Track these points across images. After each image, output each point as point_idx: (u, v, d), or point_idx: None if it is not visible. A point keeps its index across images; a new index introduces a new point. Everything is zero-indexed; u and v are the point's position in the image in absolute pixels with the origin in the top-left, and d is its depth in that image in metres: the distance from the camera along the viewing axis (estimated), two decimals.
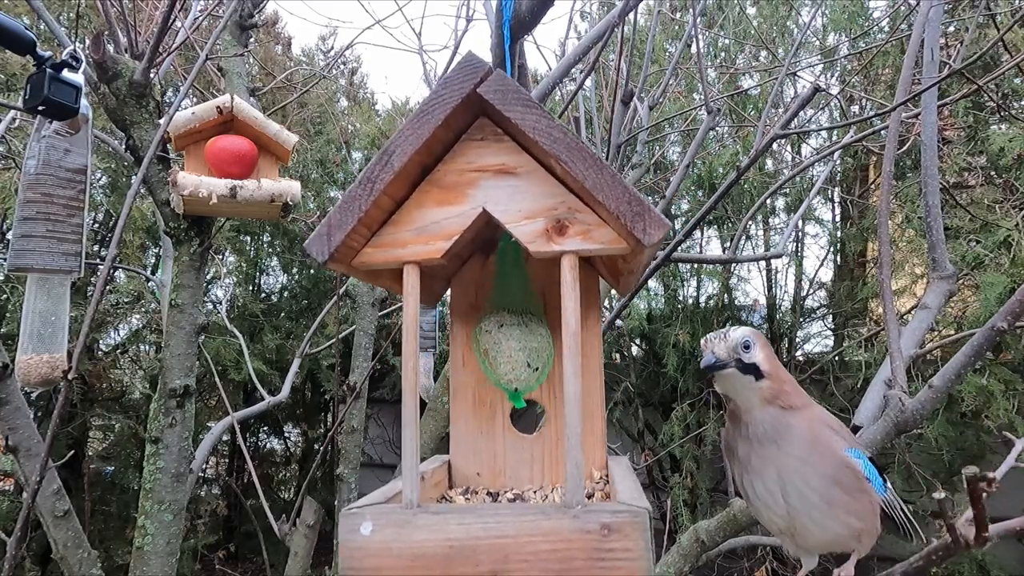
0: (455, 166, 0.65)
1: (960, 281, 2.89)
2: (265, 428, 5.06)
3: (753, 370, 0.83)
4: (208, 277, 3.75)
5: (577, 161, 0.58)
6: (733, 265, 3.88)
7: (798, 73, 3.59)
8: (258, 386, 2.75)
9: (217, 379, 2.77)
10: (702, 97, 2.35)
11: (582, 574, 0.56)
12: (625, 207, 0.57)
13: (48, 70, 1.03)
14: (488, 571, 0.57)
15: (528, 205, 0.62)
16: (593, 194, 0.58)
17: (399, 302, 3.31)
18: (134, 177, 1.71)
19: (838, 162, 3.66)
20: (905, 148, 2.44)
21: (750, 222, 3.93)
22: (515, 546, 0.57)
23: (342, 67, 5.61)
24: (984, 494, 0.64)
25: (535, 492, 0.80)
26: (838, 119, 3.58)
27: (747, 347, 0.84)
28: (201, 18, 2.36)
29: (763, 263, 4.09)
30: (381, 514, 0.59)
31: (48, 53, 1.04)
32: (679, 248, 2.03)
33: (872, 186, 3.93)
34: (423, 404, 2.65)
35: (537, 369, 0.81)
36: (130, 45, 1.65)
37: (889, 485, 0.87)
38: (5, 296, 3.21)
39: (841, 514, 0.81)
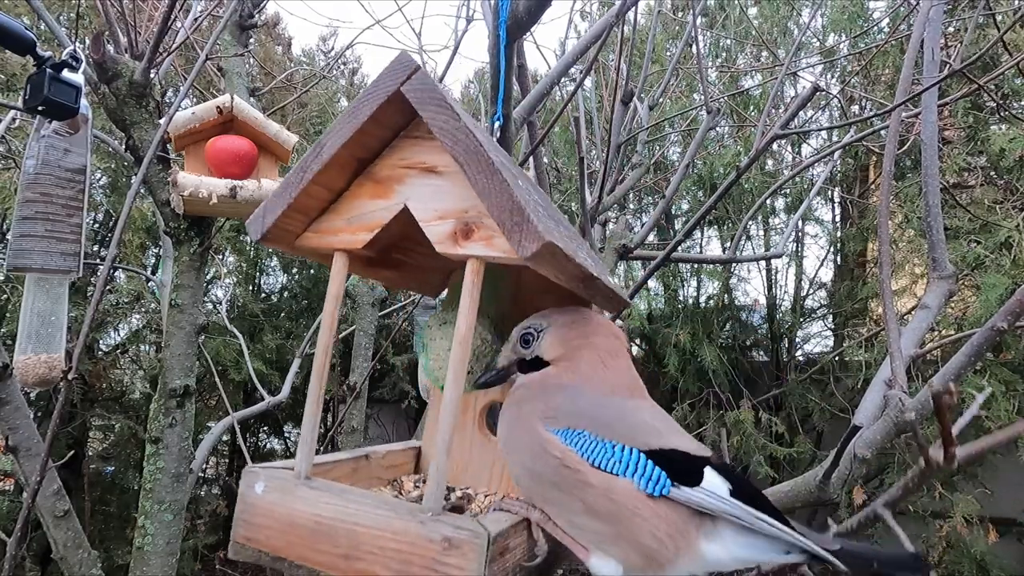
0: (390, 161, 0.67)
1: (960, 281, 2.89)
2: (265, 428, 5.06)
3: (531, 365, 0.72)
4: (208, 277, 3.74)
5: (472, 164, 0.58)
6: (733, 265, 3.88)
7: (798, 73, 3.59)
8: (258, 386, 2.75)
9: (217, 379, 2.77)
10: (702, 97, 2.35)
11: None
12: (506, 216, 0.56)
13: (48, 70, 1.03)
14: (343, 553, 0.60)
15: (444, 205, 0.63)
16: (480, 199, 0.58)
17: (399, 302, 3.31)
18: (134, 177, 1.71)
19: (838, 162, 3.66)
20: (905, 148, 2.44)
21: (750, 222, 3.93)
22: (367, 536, 0.59)
23: (342, 67, 5.61)
24: (949, 407, 0.63)
25: (486, 496, 0.80)
26: (838, 119, 3.58)
27: (526, 342, 0.73)
28: (201, 18, 2.36)
29: (763, 263, 4.09)
30: (272, 478, 0.65)
31: (48, 53, 1.04)
32: (679, 248, 2.03)
33: (872, 186, 3.93)
34: (423, 403, 2.65)
35: (471, 371, 0.78)
36: (130, 45, 1.65)
37: (706, 488, 0.61)
38: (5, 296, 3.21)
39: (567, 516, 0.64)
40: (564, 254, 0.59)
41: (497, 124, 1.07)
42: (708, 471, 0.62)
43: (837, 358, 3.67)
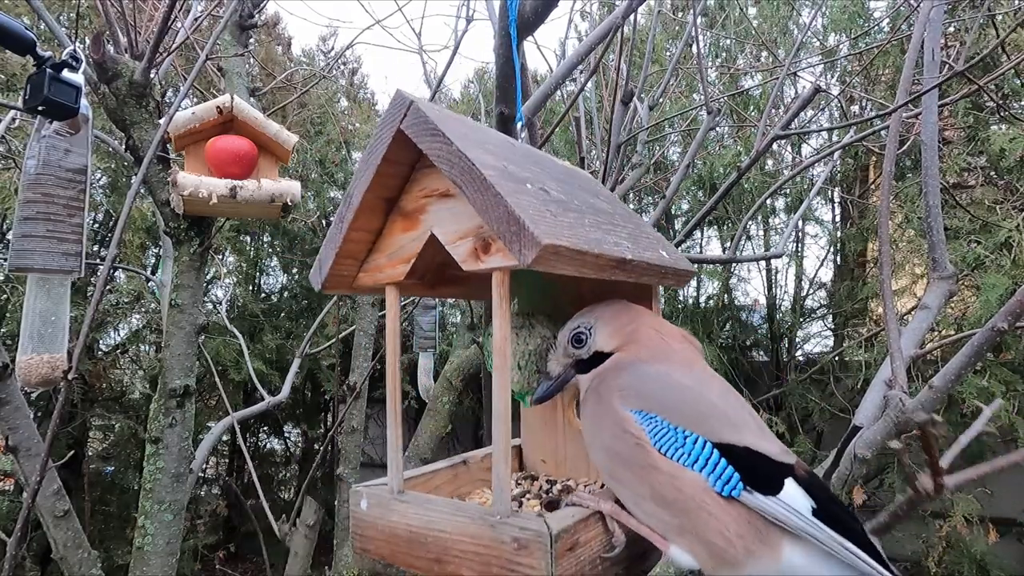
0: (413, 194, 0.71)
1: (960, 282, 2.89)
2: (265, 428, 5.06)
3: (590, 363, 0.72)
4: (208, 277, 3.74)
5: (468, 184, 0.60)
6: (733, 265, 3.88)
7: (799, 73, 3.59)
8: (258, 386, 2.75)
9: (217, 379, 2.77)
10: (702, 97, 2.35)
11: None
12: (504, 228, 0.58)
13: (48, 70, 1.03)
14: (434, 557, 0.65)
15: (462, 226, 0.65)
16: (480, 216, 0.60)
17: (399, 302, 3.30)
18: (134, 177, 1.71)
19: (838, 162, 3.66)
20: (905, 148, 2.44)
21: (750, 222, 3.93)
22: (451, 541, 0.64)
23: (342, 67, 5.61)
24: (936, 439, 0.62)
25: (586, 486, 0.84)
26: (838, 119, 3.58)
27: (579, 341, 0.73)
28: (201, 18, 2.36)
29: (763, 263, 4.08)
30: (372, 495, 0.73)
31: (48, 53, 1.04)
32: (679, 248, 2.03)
33: (872, 186, 3.93)
34: (422, 403, 2.64)
35: (538, 372, 0.80)
36: (130, 45, 1.65)
37: (783, 500, 0.58)
38: (5, 296, 3.21)
39: (637, 500, 0.63)
40: (573, 250, 0.59)
41: (520, 124, 1.08)
42: (790, 483, 0.59)
43: (837, 358, 3.67)
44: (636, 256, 0.70)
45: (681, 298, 4.20)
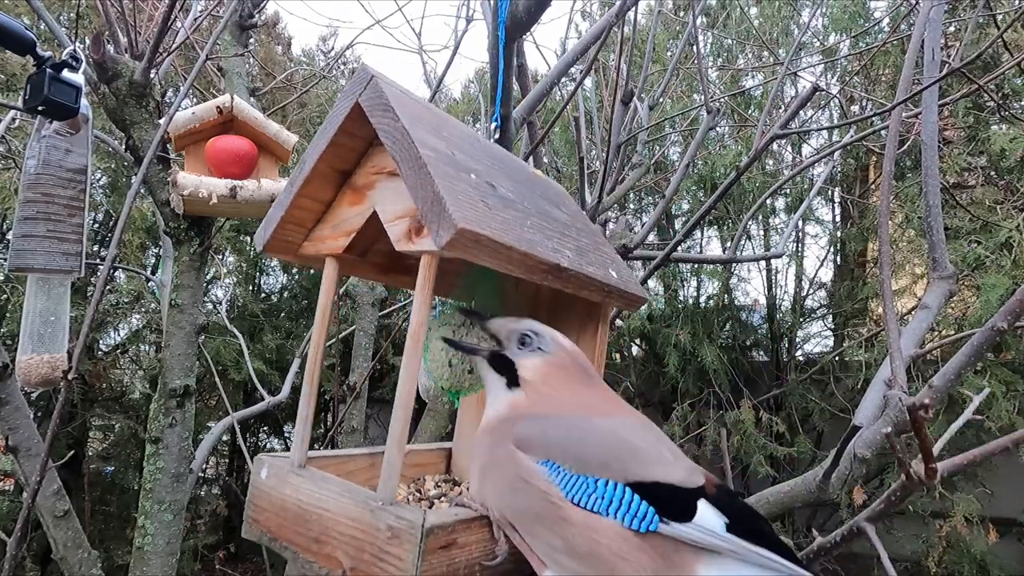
0: (365, 169, 0.71)
1: (960, 282, 2.89)
2: (265, 428, 5.06)
3: (508, 370, 0.69)
4: (208, 277, 3.74)
5: (404, 161, 0.60)
6: (733, 265, 3.88)
7: (799, 73, 3.59)
8: (258, 386, 2.75)
9: (217, 379, 2.77)
10: (702, 97, 2.35)
11: (366, 570, 0.58)
12: (428, 208, 0.57)
13: (48, 70, 1.03)
14: (314, 536, 0.64)
15: (401, 206, 0.64)
16: (410, 193, 0.59)
17: (399, 302, 3.31)
18: (134, 177, 1.71)
19: (838, 162, 3.66)
20: (905, 148, 2.44)
21: (750, 222, 3.93)
22: (333, 522, 0.62)
23: (342, 67, 5.61)
24: (926, 422, 0.62)
25: None
26: (838, 119, 3.58)
27: (523, 343, 0.70)
28: (201, 18, 2.36)
29: (763, 263, 4.08)
30: (273, 465, 0.71)
31: (48, 53, 1.04)
32: (679, 248, 2.03)
33: (872, 186, 3.93)
34: (422, 403, 2.65)
35: (471, 371, 0.79)
36: (130, 45, 1.65)
37: (698, 524, 0.59)
38: (5, 296, 3.21)
39: (551, 553, 0.60)
40: (496, 242, 0.58)
41: (495, 125, 1.07)
42: (702, 505, 0.59)
43: (837, 358, 3.67)
44: (574, 267, 0.68)
45: (681, 298, 4.20)
